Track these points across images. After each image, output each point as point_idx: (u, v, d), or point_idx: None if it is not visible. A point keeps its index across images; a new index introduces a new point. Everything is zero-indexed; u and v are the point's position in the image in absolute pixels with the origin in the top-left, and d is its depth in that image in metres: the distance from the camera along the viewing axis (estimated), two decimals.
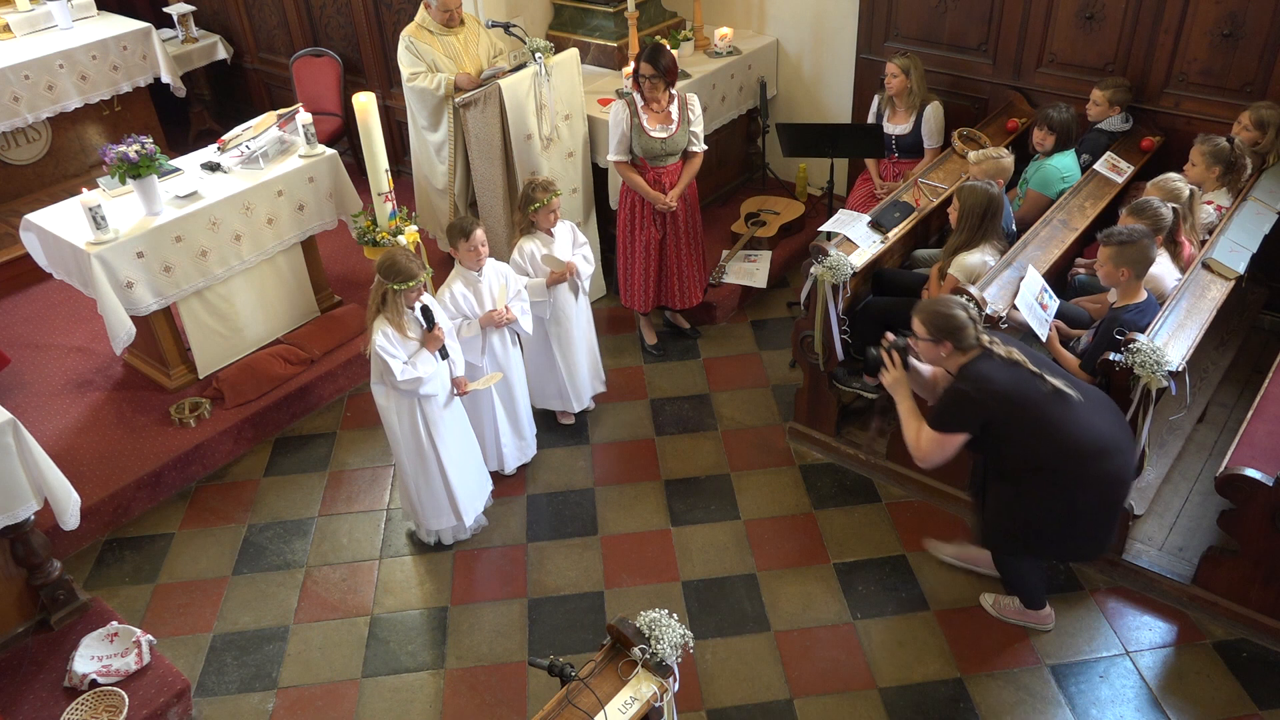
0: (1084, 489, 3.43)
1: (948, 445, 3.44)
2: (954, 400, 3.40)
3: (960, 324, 3.36)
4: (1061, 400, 3.34)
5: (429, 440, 4.19)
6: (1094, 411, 3.40)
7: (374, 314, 3.97)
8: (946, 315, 3.38)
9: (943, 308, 3.41)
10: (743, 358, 5.65)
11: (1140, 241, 3.77)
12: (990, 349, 3.38)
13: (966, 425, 3.39)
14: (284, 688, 3.97)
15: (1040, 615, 3.96)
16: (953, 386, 3.42)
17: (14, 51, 6.65)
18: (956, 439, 3.42)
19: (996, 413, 3.33)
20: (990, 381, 3.33)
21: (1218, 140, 4.67)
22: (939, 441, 3.44)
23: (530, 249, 4.70)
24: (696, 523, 4.60)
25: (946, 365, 3.46)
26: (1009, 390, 3.32)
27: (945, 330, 3.38)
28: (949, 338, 3.38)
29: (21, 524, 3.80)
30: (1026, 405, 3.33)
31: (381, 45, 7.13)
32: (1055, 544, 3.63)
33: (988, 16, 5.65)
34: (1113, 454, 3.41)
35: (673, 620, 2.78)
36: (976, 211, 4.31)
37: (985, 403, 3.32)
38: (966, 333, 3.36)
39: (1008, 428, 3.36)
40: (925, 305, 3.48)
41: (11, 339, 5.78)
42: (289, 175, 5.30)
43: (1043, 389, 3.33)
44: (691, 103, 5.15)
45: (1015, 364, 3.36)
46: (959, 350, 3.40)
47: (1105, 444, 3.38)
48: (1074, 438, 3.35)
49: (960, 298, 3.99)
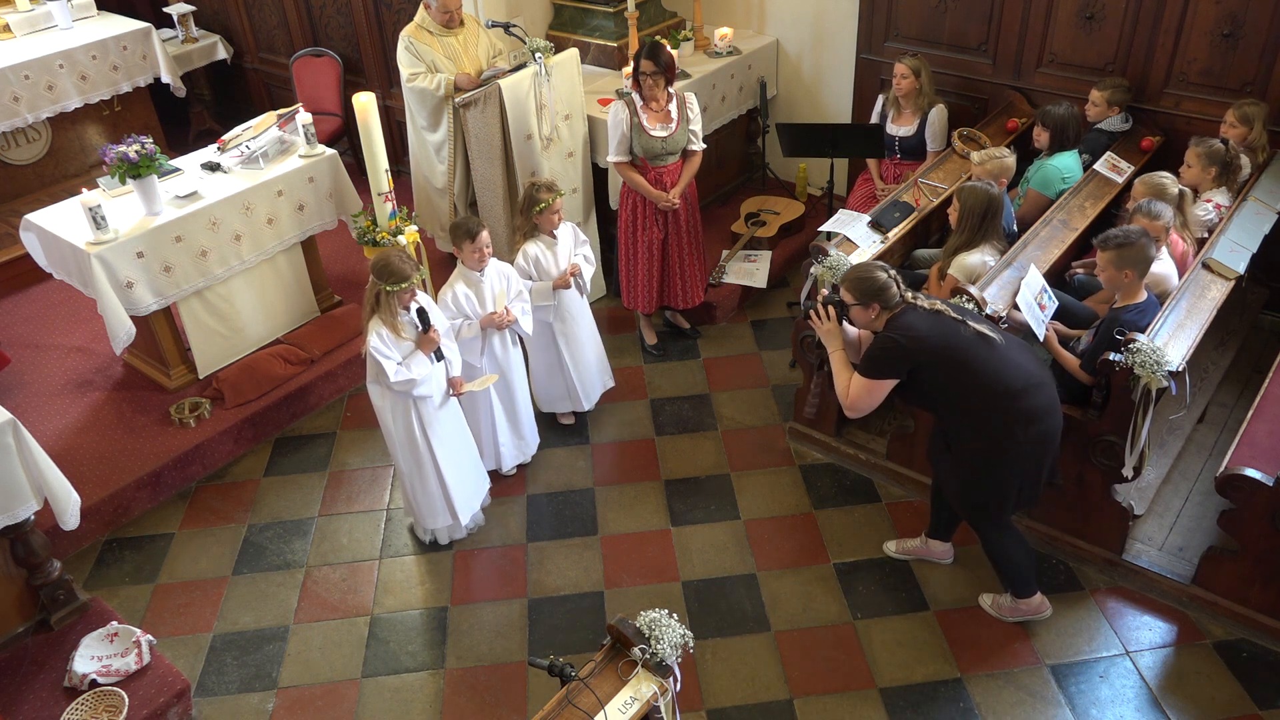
0: (1017, 425, 3.52)
1: (875, 391, 3.61)
2: (881, 347, 3.58)
3: (882, 284, 3.54)
4: (984, 342, 3.50)
5: (424, 440, 4.19)
6: (1014, 351, 3.56)
7: (368, 315, 3.97)
8: (869, 279, 3.56)
9: (864, 272, 3.60)
10: (743, 358, 5.65)
11: (1138, 242, 3.78)
12: (914, 303, 3.56)
13: (894, 371, 3.56)
14: (284, 688, 3.97)
15: (1035, 604, 3.99)
16: (881, 334, 3.60)
17: (14, 51, 6.65)
18: (884, 385, 3.60)
19: (922, 358, 3.51)
20: (914, 329, 3.51)
21: (1212, 142, 4.68)
22: (867, 387, 3.61)
23: (535, 252, 4.70)
24: (696, 523, 4.60)
25: (874, 326, 3.64)
26: (932, 336, 3.50)
27: (869, 293, 3.55)
28: (875, 299, 3.55)
29: (21, 524, 3.80)
30: (951, 349, 3.50)
31: (381, 45, 7.13)
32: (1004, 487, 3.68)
33: (988, 16, 5.65)
34: (1036, 388, 3.53)
35: (673, 620, 2.78)
36: (977, 212, 4.31)
37: (910, 349, 3.50)
38: (890, 292, 3.54)
39: (934, 372, 3.53)
40: (848, 273, 3.68)
41: (11, 339, 5.78)
42: (289, 175, 5.30)
43: (965, 333, 3.50)
44: (690, 101, 5.15)
45: (938, 313, 3.54)
46: (886, 309, 3.57)
47: (1028, 379, 3.52)
48: (999, 376, 3.49)
49: (959, 298, 4.00)
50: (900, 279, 3.59)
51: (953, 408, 3.61)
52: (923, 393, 3.63)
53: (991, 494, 3.71)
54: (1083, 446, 3.99)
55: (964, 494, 3.80)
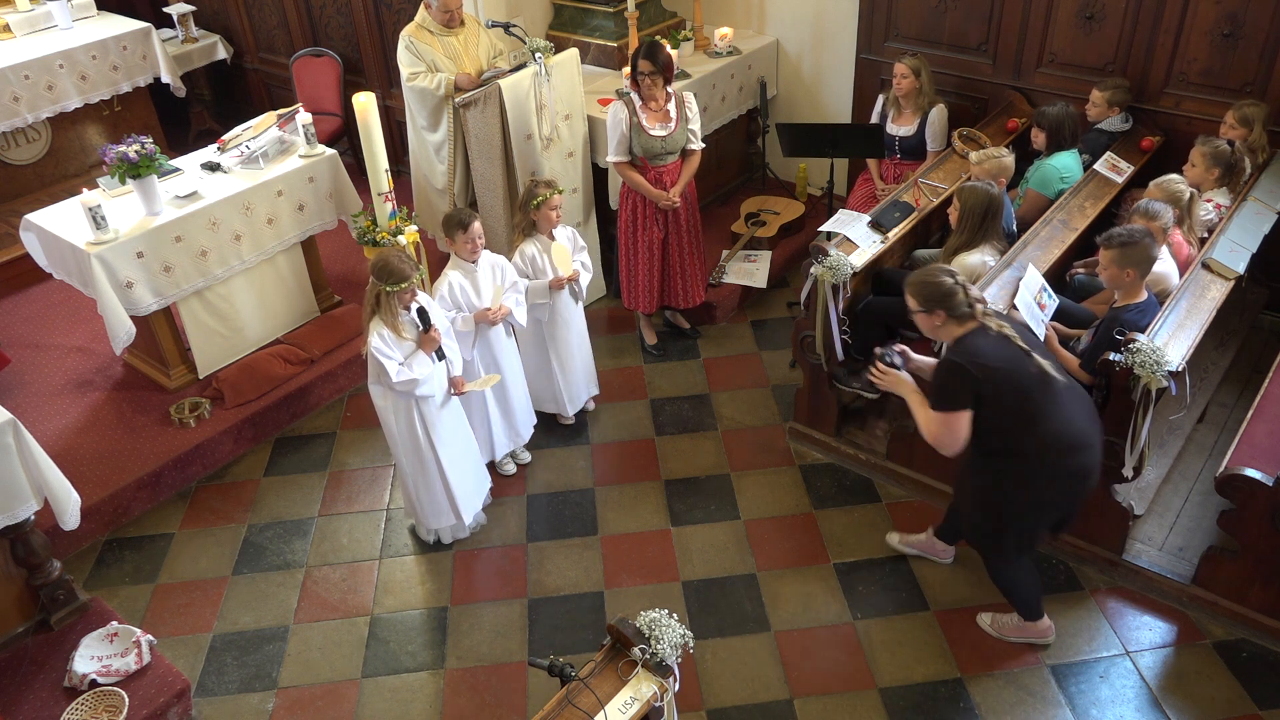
0: (1054, 480, 3.46)
1: (953, 425, 3.39)
2: (947, 373, 3.40)
3: (948, 290, 3.38)
4: (1046, 385, 3.36)
5: (426, 440, 4.19)
6: (1073, 403, 3.43)
7: (369, 315, 3.97)
8: (934, 284, 3.40)
9: (929, 277, 3.44)
10: (743, 358, 5.65)
11: (1141, 242, 3.77)
12: (985, 324, 3.41)
13: (963, 399, 3.36)
14: (284, 688, 3.97)
15: (1040, 628, 3.93)
16: (945, 359, 3.44)
17: (14, 51, 6.65)
18: (960, 417, 3.38)
19: (986, 387, 3.33)
20: (982, 355, 3.33)
21: (1218, 142, 4.68)
22: (943, 422, 3.41)
23: (532, 252, 4.69)
24: (696, 523, 4.60)
25: (942, 335, 3.48)
26: (1000, 366, 3.32)
27: (934, 299, 3.40)
28: (939, 305, 3.39)
29: (21, 524, 3.80)
30: (1014, 386, 3.34)
31: (381, 45, 7.13)
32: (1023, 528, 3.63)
33: (988, 16, 5.65)
34: (1085, 449, 3.45)
35: (673, 620, 2.78)
36: (977, 212, 4.31)
37: (977, 376, 3.31)
38: (956, 299, 3.37)
39: (993, 406, 3.36)
40: (913, 277, 3.51)
41: (11, 339, 5.78)
42: (289, 175, 5.30)
43: (1030, 369, 3.34)
44: (689, 101, 5.15)
45: (1006, 339, 3.37)
46: (953, 319, 3.40)
47: (1079, 438, 3.42)
48: (1053, 428, 3.37)
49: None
50: (970, 287, 3.42)
51: (997, 444, 3.45)
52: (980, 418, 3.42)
53: (1008, 531, 3.61)
54: None
55: (979, 522, 3.71)
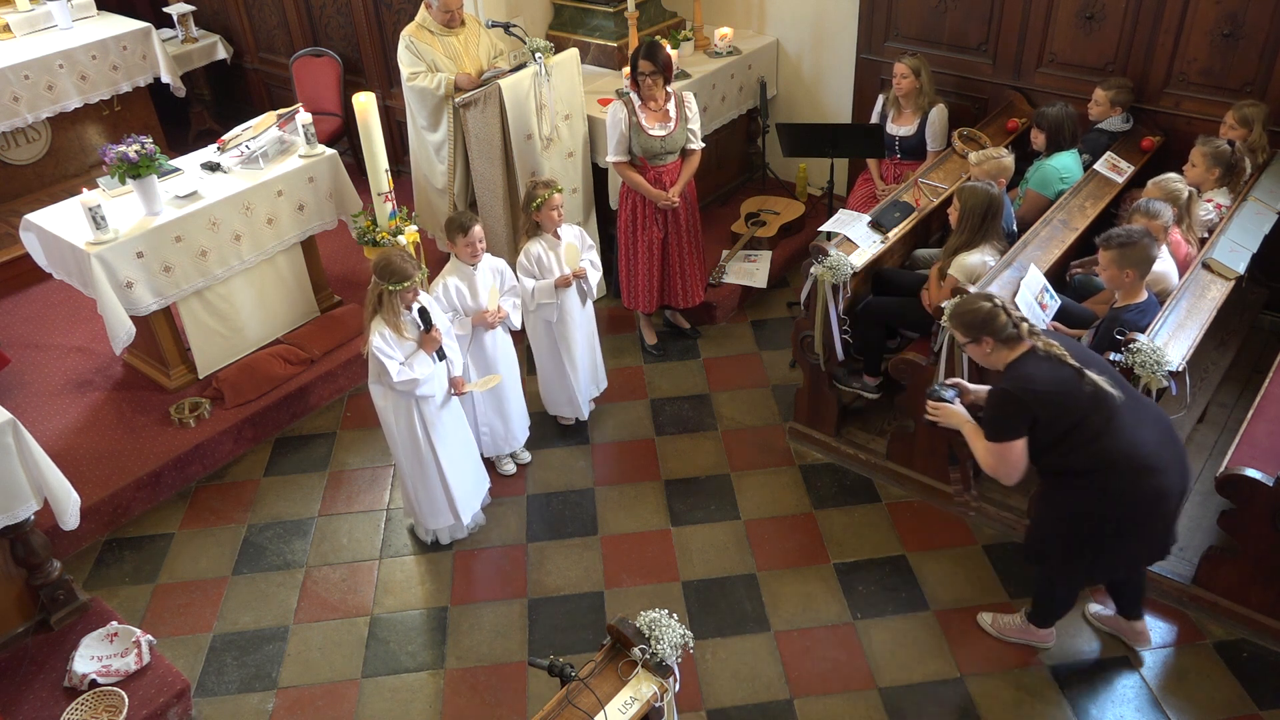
0: (1116, 501, 3.32)
1: (1008, 454, 3.29)
2: (999, 402, 3.30)
3: (987, 314, 3.29)
4: (1102, 404, 3.22)
5: (426, 440, 4.19)
6: (1139, 422, 3.28)
7: (370, 315, 3.97)
8: (973, 311, 3.33)
9: (967, 305, 3.37)
10: (743, 358, 5.65)
11: (1141, 242, 3.77)
12: (1034, 345, 3.30)
13: (1017, 428, 3.26)
14: (284, 688, 3.97)
15: (1042, 634, 3.91)
16: (996, 388, 3.34)
17: (14, 51, 6.65)
18: (1014, 447, 3.28)
19: (1039, 412, 3.22)
20: (1033, 382, 3.23)
21: (1219, 142, 4.68)
22: (998, 452, 3.31)
23: (537, 251, 4.68)
24: (696, 523, 4.60)
25: (994, 362, 3.37)
26: (1052, 390, 3.22)
27: (975, 325, 3.32)
28: (984, 332, 3.31)
29: (21, 524, 3.79)
30: (1067, 409, 3.22)
31: (381, 45, 7.13)
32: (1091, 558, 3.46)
33: (988, 16, 5.65)
34: (1155, 471, 3.27)
35: (673, 620, 2.78)
36: (977, 212, 4.31)
37: (1028, 403, 3.22)
38: (999, 322, 3.27)
39: (1047, 430, 3.25)
40: (952, 310, 3.42)
41: (11, 339, 5.78)
42: (289, 175, 5.30)
43: (1084, 389, 3.21)
44: (688, 101, 5.15)
45: (1058, 360, 3.25)
46: (1001, 343, 3.31)
47: (1148, 460, 3.26)
48: (1114, 447, 3.24)
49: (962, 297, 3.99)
50: (1010, 307, 3.32)
51: (1059, 460, 3.32)
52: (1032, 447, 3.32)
53: (1081, 555, 3.47)
54: None
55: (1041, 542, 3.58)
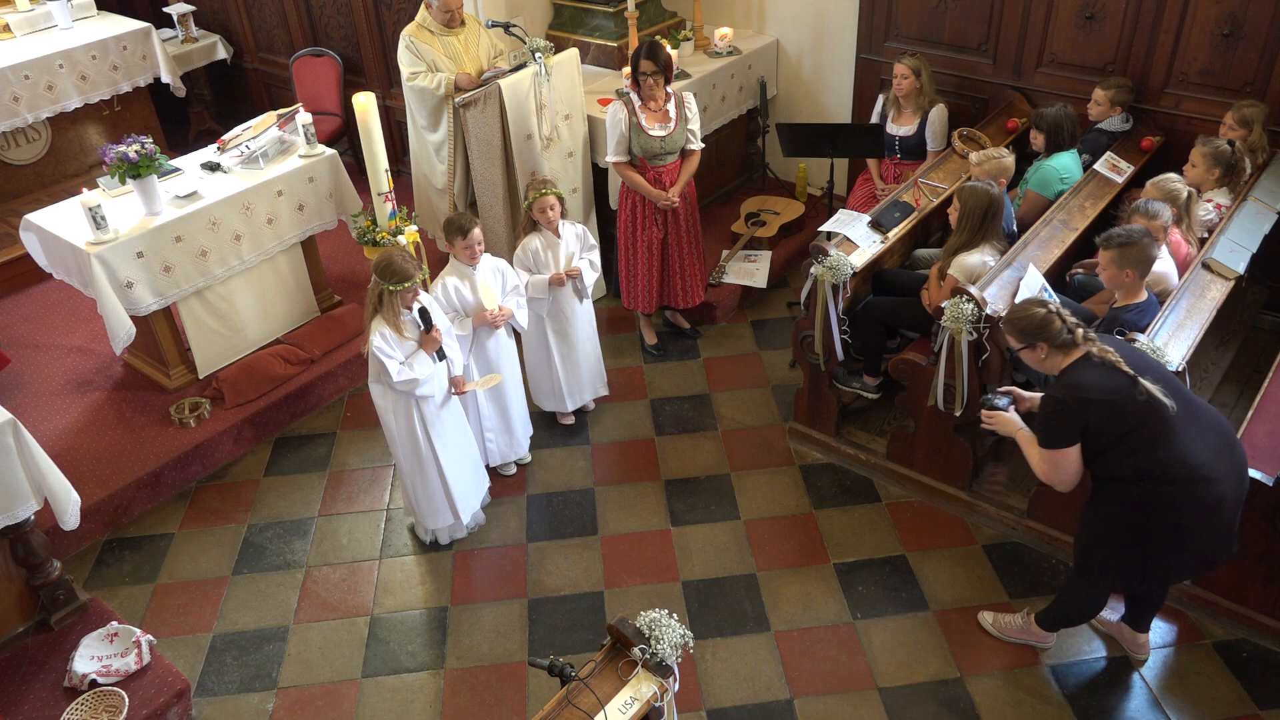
0: (1167, 510, 3.27)
1: (1063, 461, 3.27)
2: (1052, 409, 3.27)
3: (1041, 321, 3.25)
4: (1155, 412, 3.18)
5: (425, 439, 4.19)
6: (1192, 430, 3.23)
7: (371, 314, 3.97)
8: (1028, 317, 3.29)
9: (1020, 312, 3.34)
10: (743, 358, 5.65)
11: (1141, 242, 3.77)
12: (1089, 351, 3.24)
13: (1070, 435, 3.24)
14: (284, 688, 3.97)
15: (1043, 634, 3.91)
16: (1049, 395, 3.31)
17: (14, 51, 6.65)
18: (1069, 453, 3.26)
19: (1092, 419, 3.19)
20: (1085, 389, 3.20)
21: (1219, 143, 4.68)
22: (1052, 460, 3.29)
23: (535, 246, 4.69)
24: (696, 523, 4.60)
25: (1048, 368, 3.34)
26: (1105, 399, 3.18)
27: (1030, 331, 3.28)
28: (1039, 338, 3.27)
29: (21, 524, 3.80)
30: (1121, 416, 3.19)
31: (381, 45, 7.13)
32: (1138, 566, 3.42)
33: (988, 16, 5.65)
34: (1206, 481, 3.22)
35: (673, 620, 2.78)
36: (977, 212, 4.31)
37: (1079, 410, 3.19)
38: (1054, 327, 3.23)
39: (1098, 438, 3.23)
40: (1008, 316, 3.40)
41: (11, 339, 5.78)
42: (289, 175, 5.30)
43: (1138, 398, 3.17)
44: (688, 101, 5.15)
45: (1111, 368, 3.21)
46: (1056, 349, 3.27)
47: (1198, 469, 3.21)
48: (1166, 457, 3.20)
49: (961, 298, 4.00)
50: (1064, 312, 3.27)
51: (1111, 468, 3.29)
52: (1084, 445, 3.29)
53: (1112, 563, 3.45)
54: None
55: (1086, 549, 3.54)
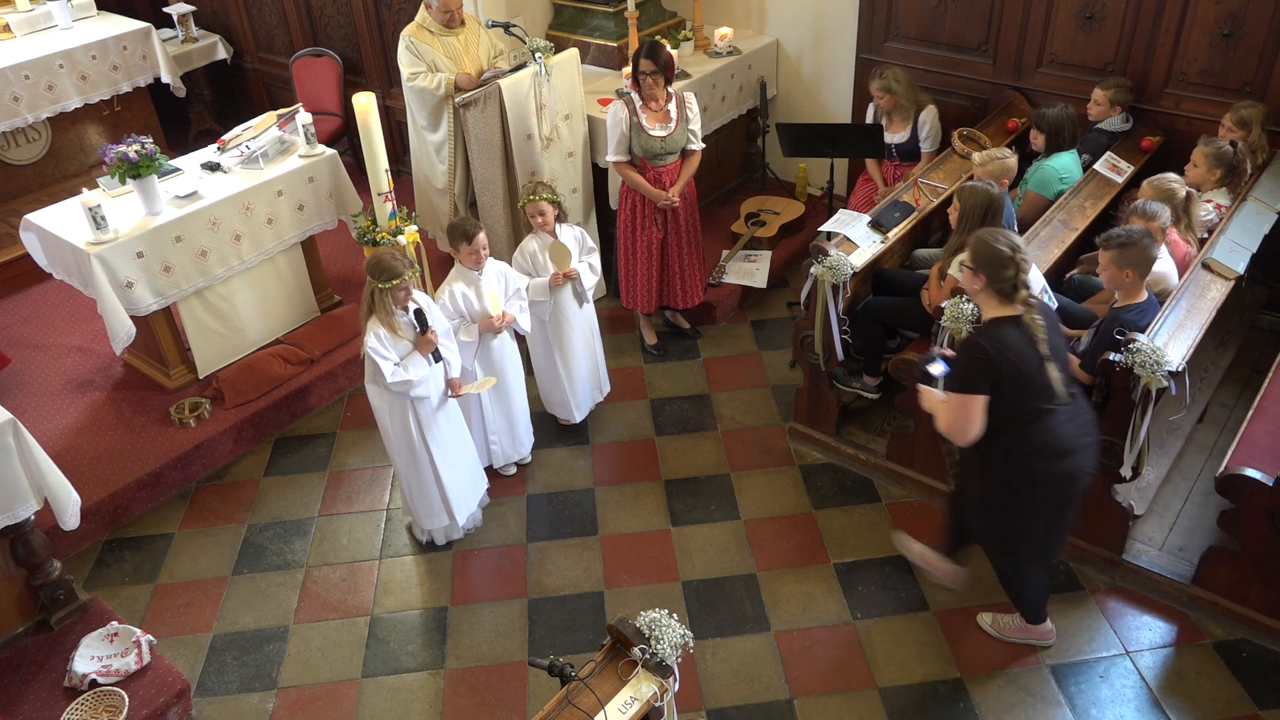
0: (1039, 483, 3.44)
1: (970, 408, 3.31)
2: (973, 353, 3.31)
3: (999, 258, 3.26)
4: (1045, 397, 3.32)
5: (421, 440, 4.19)
6: (1067, 421, 3.39)
7: (366, 315, 3.98)
8: (993, 247, 3.28)
9: (994, 238, 3.32)
10: (743, 358, 5.65)
11: (1140, 242, 3.77)
12: (1021, 316, 3.31)
13: (983, 383, 3.28)
14: (284, 688, 3.97)
15: (1042, 630, 3.92)
16: (971, 338, 3.36)
17: (14, 51, 6.65)
18: (976, 401, 3.30)
19: (1002, 378, 3.26)
20: (1005, 346, 3.26)
21: (1221, 143, 4.68)
22: (960, 404, 3.32)
23: (532, 249, 4.69)
24: (696, 523, 4.60)
25: (979, 302, 3.39)
26: (1014, 362, 3.26)
27: (983, 260, 3.30)
28: (985, 269, 3.29)
29: (21, 524, 3.80)
30: (1021, 386, 3.29)
31: (381, 45, 7.13)
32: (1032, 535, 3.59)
33: (988, 16, 5.65)
34: (1066, 454, 3.41)
35: (673, 620, 2.78)
36: (977, 212, 4.30)
37: (996, 362, 3.25)
38: (1004, 270, 3.25)
39: (1002, 397, 3.31)
40: (981, 232, 3.40)
41: (11, 339, 5.78)
42: (289, 175, 5.30)
43: (1039, 380, 3.29)
44: (689, 101, 5.15)
45: (1032, 342, 3.29)
46: (993, 290, 3.31)
47: (1064, 445, 3.39)
48: (1038, 437, 3.36)
49: (961, 298, 3.99)
50: (1025, 269, 3.28)
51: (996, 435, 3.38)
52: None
53: (1019, 539, 3.60)
54: None
55: (987, 528, 3.70)
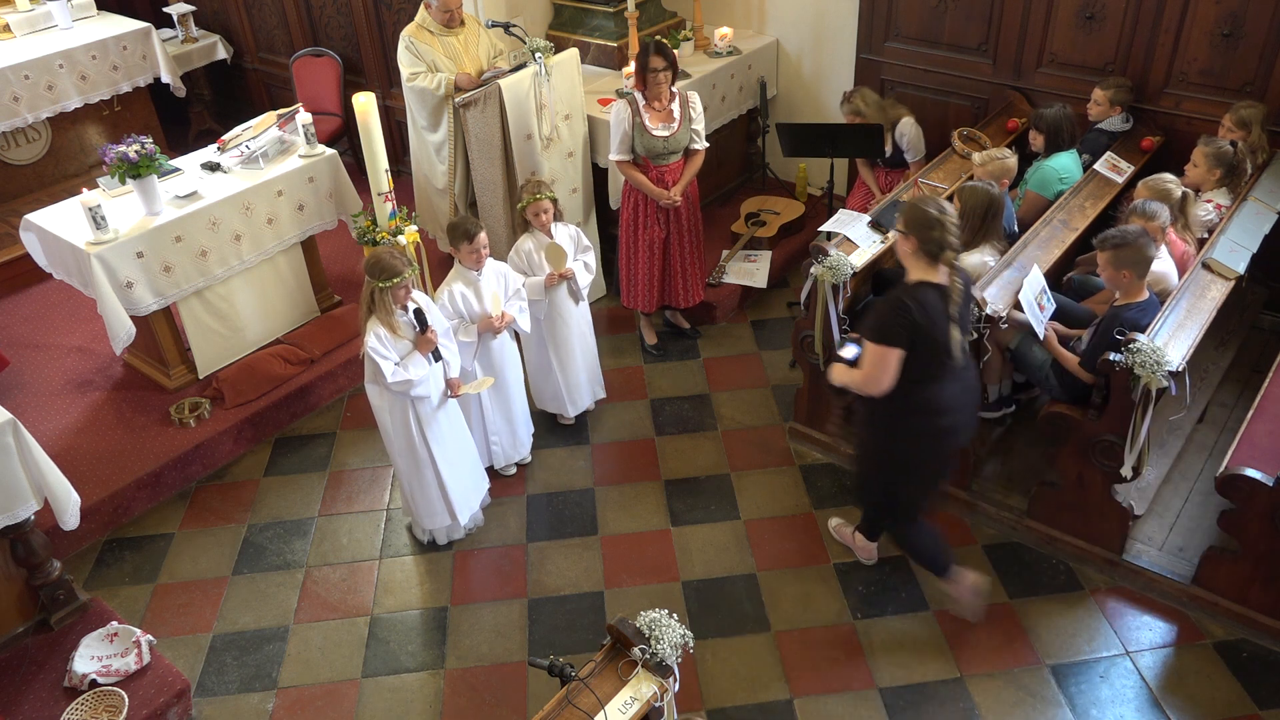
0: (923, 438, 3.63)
1: (887, 360, 3.42)
2: (895, 308, 3.40)
3: (925, 219, 3.34)
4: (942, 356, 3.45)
5: (421, 440, 4.19)
6: (955, 381, 3.57)
7: (365, 315, 3.98)
8: (921, 211, 3.37)
9: (922, 203, 3.42)
10: (743, 358, 5.65)
11: (1135, 242, 3.78)
12: (943, 283, 3.40)
13: (901, 336, 3.39)
14: (284, 688, 3.97)
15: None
16: (895, 295, 3.44)
17: (14, 51, 6.65)
18: (893, 354, 3.40)
19: (917, 337, 3.38)
20: (926, 307, 3.37)
21: (1221, 143, 4.68)
22: (879, 355, 3.42)
23: (528, 248, 4.70)
24: (696, 523, 4.60)
25: (907, 265, 3.48)
26: (933, 330, 3.39)
27: (912, 223, 3.39)
28: (914, 232, 3.38)
29: (21, 524, 3.80)
30: (927, 345, 3.41)
31: (381, 45, 7.13)
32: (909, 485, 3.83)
33: (988, 16, 5.65)
34: (945, 411, 3.58)
35: (673, 620, 2.78)
36: (978, 212, 4.31)
37: (917, 320, 3.36)
38: (930, 231, 3.33)
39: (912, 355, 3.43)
40: (913, 199, 3.52)
41: (11, 339, 5.78)
42: (289, 175, 5.30)
43: (940, 338, 3.42)
44: (692, 100, 5.15)
45: (944, 304, 3.40)
46: (921, 253, 3.39)
47: (947, 403, 3.57)
48: (931, 395, 3.52)
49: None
50: (951, 233, 3.35)
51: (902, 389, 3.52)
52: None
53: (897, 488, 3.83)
54: (1083, 447, 3.99)
55: (871, 480, 3.96)
